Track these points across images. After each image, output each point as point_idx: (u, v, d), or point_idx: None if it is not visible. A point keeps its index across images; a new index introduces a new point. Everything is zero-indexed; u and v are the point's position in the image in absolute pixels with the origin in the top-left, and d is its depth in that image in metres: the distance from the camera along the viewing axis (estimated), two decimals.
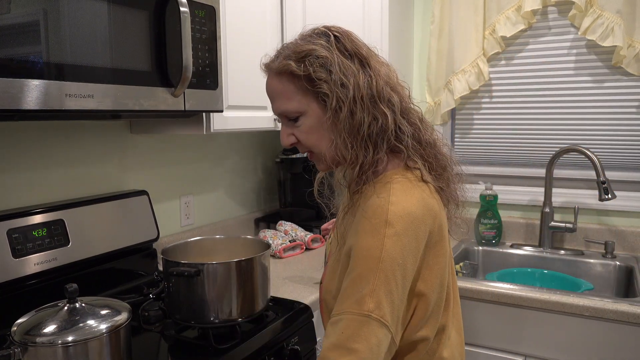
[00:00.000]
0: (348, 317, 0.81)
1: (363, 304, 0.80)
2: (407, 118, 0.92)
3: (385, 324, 0.81)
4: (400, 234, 0.82)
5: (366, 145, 0.88)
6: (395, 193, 0.86)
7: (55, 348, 0.88)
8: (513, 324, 1.57)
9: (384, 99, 0.88)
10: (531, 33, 2.06)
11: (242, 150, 2.20)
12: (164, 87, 1.25)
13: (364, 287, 0.81)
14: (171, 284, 1.21)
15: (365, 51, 0.90)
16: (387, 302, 0.81)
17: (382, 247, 0.81)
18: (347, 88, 0.86)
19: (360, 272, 0.82)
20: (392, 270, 0.81)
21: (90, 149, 1.55)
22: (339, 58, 0.87)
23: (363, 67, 0.88)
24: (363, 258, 0.82)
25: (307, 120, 0.91)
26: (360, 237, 0.84)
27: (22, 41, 0.94)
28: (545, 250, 2.01)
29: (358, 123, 0.87)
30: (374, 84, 0.87)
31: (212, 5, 1.37)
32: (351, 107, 0.86)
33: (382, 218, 0.83)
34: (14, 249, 1.22)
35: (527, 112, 2.11)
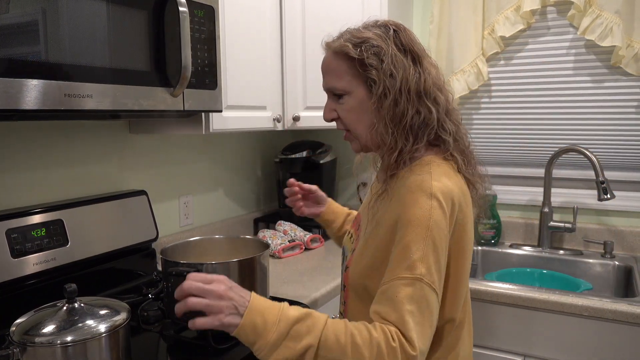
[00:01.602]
0: (400, 282, 0.84)
1: (415, 268, 0.84)
2: (451, 118, 0.99)
3: (435, 289, 0.85)
4: (444, 208, 0.88)
5: (407, 134, 0.95)
6: (435, 172, 0.93)
7: (54, 348, 0.88)
8: (512, 323, 1.57)
9: (430, 96, 0.95)
10: (530, 33, 2.06)
11: (241, 150, 2.19)
12: (163, 87, 1.25)
13: (415, 253, 0.85)
14: (170, 284, 1.21)
15: (419, 49, 0.97)
16: (436, 268, 0.86)
17: (429, 217, 0.87)
18: (395, 79, 0.93)
19: (410, 240, 0.86)
20: (440, 239, 0.87)
21: (89, 148, 1.54)
22: (392, 50, 0.94)
23: (415, 64, 0.96)
24: (412, 226, 0.87)
25: (351, 100, 0.99)
26: (408, 208, 0.89)
27: (21, 41, 0.94)
28: (545, 250, 2.01)
29: (401, 113, 0.94)
30: (422, 81, 0.95)
31: (211, 5, 1.37)
32: (396, 97, 0.94)
33: (427, 191, 0.89)
34: (13, 249, 1.22)
35: (526, 112, 2.11)
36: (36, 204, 1.36)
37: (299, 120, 1.90)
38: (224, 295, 0.82)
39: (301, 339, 0.80)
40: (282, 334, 0.80)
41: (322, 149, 2.19)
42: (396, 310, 0.83)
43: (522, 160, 2.15)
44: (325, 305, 1.54)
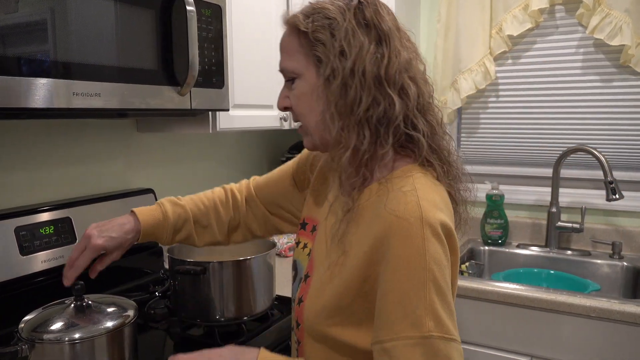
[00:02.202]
0: (406, 342, 0.68)
1: (421, 325, 0.68)
2: (426, 116, 0.81)
3: (451, 337, 0.70)
4: (439, 234, 0.71)
5: (361, 129, 0.76)
6: (421, 187, 0.75)
7: (62, 345, 0.89)
8: (519, 324, 1.56)
9: (394, 84, 0.77)
10: (538, 32, 2.05)
11: (248, 149, 2.20)
12: (170, 85, 1.25)
13: (417, 305, 0.68)
14: (177, 282, 1.21)
15: (388, 28, 0.78)
16: (446, 312, 0.70)
17: (424, 253, 0.69)
18: (345, 58, 0.76)
19: (407, 289, 0.69)
20: (442, 275, 0.70)
21: (97, 147, 1.55)
22: (349, 24, 0.76)
23: (379, 43, 0.77)
24: (406, 269, 0.70)
25: (302, 84, 0.82)
26: (395, 242, 0.71)
27: (29, 40, 0.95)
28: (552, 251, 2.00)
29: (351, 100, 0.76)
30: (384, 64, 0.76)
31: (218, 4, 1.37)
32: (346, 80, 0.76)
33: (417, 216, 0.71)
34: (22, 247, 1.23)
35: (534, 112, 2.10)
36: (44, 202, 1.37)
37: None
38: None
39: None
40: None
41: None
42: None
43: (530, 160, 2.14)
44: None
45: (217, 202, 1.11)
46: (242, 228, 1.13)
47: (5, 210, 1.27)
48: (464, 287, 1.61)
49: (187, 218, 1.06)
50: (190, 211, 1.07)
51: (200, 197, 1.12)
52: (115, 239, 0.98)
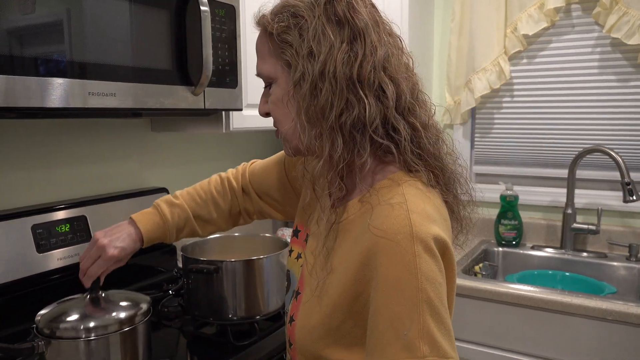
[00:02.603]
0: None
1: (414, 349, 0.63)
2: (406, 117, 0.73)
3: (449, 358, 0.65)
4: (432, 250, 0.66)
5: (334, 135, 0.70)
6: (411, 198, 0.69)
7: (77, 342, 0.90)
8: (533, 327, 1.55)
9: (370, 85, 0.70)
10: (554, 31, 2.02)
11: (260, 149, 2.20)
12: (184, 85, 1.26)
13: (410, 328, 0.64)
14: (190, 280, 1.22)
15: (364, 23, 0.71)
16: (442, 333, 0.65)
17: (416, 271, 0.64)
18: (314, 59, 0.70)
19: (398, 311, 0.64)
20: (437, 295, 0.65)
21: (111, 146, 1.57)
22: (319, 21, 0.70)
23: (353, 41, 0.70)
24: (394, 291, 0.65)
25: (276, 89, 0.77)
26: (382, 263, 0.66)
27: (46, 40, 0.96)
28: (567, 252, 1.97)
29: (322, 105, 0.70)
30: (357, 63, 0.69)
31: (232, 4, 1.38)
32: (316, 82, 0.70)
33: (406, 232, 0.65)
34: (38, 244, 1.24)
35: (549, 112, 2.07)
36: (60, 200, 1.39)
37: None
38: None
39: None
40: None
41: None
42: None
43: (545, 161, 2.11)
44: None
45: (215, 193, 1.10)
46: (243, 214, 1.13)
47: (23, 208, 1.29)
48: (477, 288, 1.60)
49: (187, 216, 1.07)
50: (189, 208, 1.07)
51: (196, 189, 1.11)
52: (126, 249, 1.00)
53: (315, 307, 0.76)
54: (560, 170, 2.07)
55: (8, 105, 0.91)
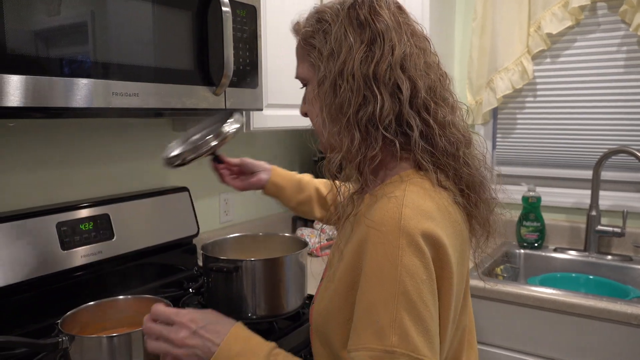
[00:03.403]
0: (368, 354, 0.65)
1: (383, 337, 0.64)
2: (420, 114, 0.75)
3: (418, 357, 0.64)
4: (418, 244, 0.66)
5: (352, 130, 0.74)
6: (410, 194, 0.71)
7: (101, 338, 0.91)
8: (556, 330, 1.52)
9: (386, 83, 0.73)
10: (579, 30, 1.99)
11: (281, 149, 2.21)
12: (205, 85, 1.27)
13: (382, 317, 0.65)
14: (210, 279, 1.23)
15: (384, 25, 0.74)
16: (418, 330, 0.65)
17: (397, 263, 0.65)
18: (334, 60, 0.75)
19: (374, 299, 0.66)
20: (416, 290, 0.65)
21: (134, 146, 1.59)
22: (341, 25, 0.75)
23: (372, 42, 0.74)
24: (375, 279, 0.66)
25: (308, 90, 0.84)
26: (369, 252, 0.68)
27: (71, 41, 0.98)
28: (591, 255, 1.94)
29: (341, 101, 0.74)
30: (374, 62, 0.73)
31: (253, 4, 1.39)
32: (335, 80, 0.75)
33: (394, 224, 0.67)
34: (63, 242, 1.27)
35: (573, 112, 2.04)
36: (84, 199, 1.41)
37: None
38: (183, 343, 0.75)
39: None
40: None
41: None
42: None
43: (569, 162, 2.08)
44: None
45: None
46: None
47: (48, 206, 1.31)
48: (498, 291, 1.58)
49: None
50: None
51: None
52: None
53: (325, 292, 0.80)
54: (584, 172, 2.04)
55: (34, 105, 0.93)
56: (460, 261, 0.74)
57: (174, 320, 0.78)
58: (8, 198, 1.28)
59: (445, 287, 0.70)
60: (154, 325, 0.79)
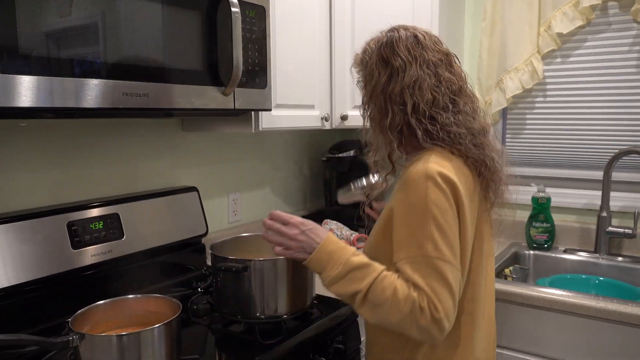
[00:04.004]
0: (409, 260, 0.93)
1: (421, 247, 0.92)
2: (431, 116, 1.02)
3: (447, 260, 0.92)
4: (440, 186, 0.94)
5: (383, 133, 1.07)
6: (432, 158, 0.99)
7: (111, 337, 0.92)
8: (565, 332, 1.51)
9: (395, 102, 1.03)
10: (589, 29, 1.97)
11: (289, 149, 2.21)
12: (214, 86, 1.28)
13: (418, 233, 0.93)
14: (219, 278, 1.24)
15: (400, 62, 1.03)
16: (444, 242, 0.92)
17: (426, 196, 0.94)
18: (367, 86, 1.08)
19: (412, 221, 0.94)
20: (442, 214, 0.93)
21: (143, 146, 1.60)
22: (373, 61, 1.06)
23: (391, 74, 1.04)
24: (411, 208, 0.95)
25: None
26: (405, 193, 0.97)
27: (81, 42, 0.99)
28: (602, 257, 1.92)
29: (372, 115, 1.09)
30: (389, 88, 1.04)
31: (262, 5, 1.39)
32: (369, 102, 1.09)
33: (422, 174, 0.96)
34: (73, 241, 1.28)
35: (584, 112, 2.02)
36: (94, 198, 1.43)
37: (347, 119, 1.90)
38: (294, 237, 1.03)
39: (354, 283, 0.96)
40: (341, 274, 0.97)
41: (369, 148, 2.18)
42: (415, 283, 0.92)
43: (579, 162, 2.06)
44: None
45: None
46: None
47: (59, 205, 1.33)
48: (507, 291, 1.57)
49: None
50: None
51: None
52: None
53: (372, 235, 1.11)
54: (594, 172, 2.02)
55: (46, 106, 0.94)
56: (470, 200, 1.00)
57: (289, 221, 1.06)
58: (20, 197, 1.30)
59: (460, 216, 0.97)
60: (274, 223, 1.07)
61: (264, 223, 1.07)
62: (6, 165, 1.27)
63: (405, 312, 0.91)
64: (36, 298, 1.21)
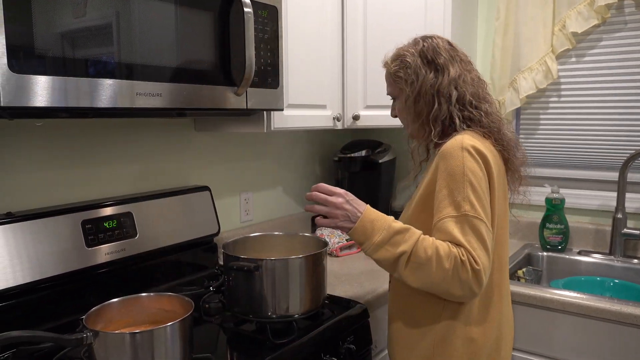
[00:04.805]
0: (450, 219, 1.03)
1: (459, 207, 1.02)
2: (471, 106, 1.16)
3: (482, 219, 1.02)
4: (475, 157, 1.06)
5: (425, 126, 1.19)
6: (466, 135, 1.10)
7: (124, 335, 0.93)
8: (579, 335, 1.49)
9: (444, 95, 1.16)
10: (605, 28, 1.95)
11: (301, 149, 2.22)
12: (227, 86, 1.28)
13: (457, 195, 1.03)
14: (231, 277, 1.24)
15: (443, 59, 1.17)
16: (479, 204, 1.03)
17: (463, 164, 1.05)
18: (414, 85, 1.17)
19: (451, 185, 1.05)
20: (477, 180, 1.04)
21: (156, 145, 1.61)
22: (416, 63, 1.18)
23: (436, 71, 1.17)
24: (450, 175, 1.05)
25: (398, 102, 1.25)
26: (444, 162, 1.07)
27: (96, 42, 1.00)
28: (617, 259, 1.90)
29: (419, 110, 1.18)
30: (437, 84, 1.16)
31: (274, 5, 1.39)
32: (416, 98, 1.18)
33: (458, 146, 1.07)
34: (87, 239, 1.29)
35: (598, 112, 2.00)
36: (108, 197, 1.44)
37: (359, 119, 1.90)
38: (340, 206, 1.10)
39: (398, 246, 1.04)
40: (385, 239, 1.05)
41: (381, 148, 2.18)
42: (455, 239, 1.01)
43: (594, 163, 2.04)
44: (382, 308, 1.53)
45: None
46: None
47: (74, 204, 1.34)
48: (520, 293, 1.56)
49: None
50: None
51: None
52: None
53: (409, 208, 1.22)
54: (610, 173, 1.99)
55: (61, 105, 0.95)
56: (498, 176, 1.11)
57: (334, 191, 1.13)
58: (35, 196, 1.31)
59: (490, 186, 1.08)
60: (320, 194, 1.14)
61: (309, 196, 1.15)
62: (22, 164, 1.29)
63: (448, 268, 0.99)
64: (51, 295, 1.23)
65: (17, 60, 0.88)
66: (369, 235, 1.07)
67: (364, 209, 1.11)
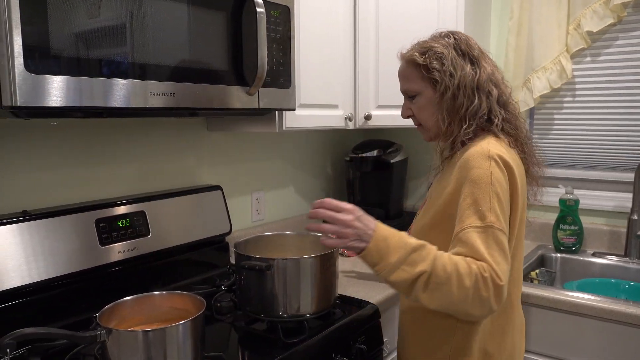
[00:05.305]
0: (474, 230, 0.98)
1: (485, 218, 0.98)
2: (504, 107, 1.14)
3: (506, 233, 0.99)
4: (501, 167, 1.03)
5: (461, 122, 1.11)
6: (492, 143, 1.07)
7: (137, 333, 0.94)
8: (593, 337, 1.47)
9: (484, 90, 1.11)
10: (621, 27, 1.92)
11: (313, 149, 2.22)
12: (239, 85, 1.29)
13: (482, 205, 0.99)
14: (242, 277, 1.24)
15: (477, 53, 1.13)
16: (503, 217, 0.99)
17: (490, 174, 1.01)
18: (454, 77, 1.10)
19: (477, 195, 1.00)
20: (502, 191, 1.01)
21: (169, 144, 1.62)
22: (452, 54, 1.11)
23: (472, 64, 1.12)
24: (477, 184, 1.01)
25: (421, 99, 1.16)
26: (471, 170, 1.03)
27: (110, 43, 1.01)
28: (632, 261, 1.87)
29: (459, 105, 1.11)
30: (477, 78, 1.11)
31: (286, 5, 1.39)
32: (454, 92, 1.10)
33: (485, 154, 1.04)
34: (101, 237, 1.31)
35: (614, 112, 1.97)
36: (121, 196, 1.45)
37: (371, 119, 1.89)
38: (350, 224, 1.00)
39: (417, 265, 0.96)
40: (402, 258, 0.97)
41: (392, 148, 2.17)
42: (478, 252, 0.95)
43: (609, 164, 2.01)
44: (391, 309, 1.52)
45: None
46: None
47: (87, 202, 1.35)
48: (533, 295, 1.55)
49: None
50: None
51: None
52: None
53: (425, 215, 1.17)
54: (625, 174, 1.97)
55: (75, 105, 0.96)
56: (522, 188, 1.09)
57: (342, 207, 1.03)
58: (50, 195, 1.33)
59: (514, 196, 1.06)
60: (327, 212, 1.03)
61: (313, 213, 1.04)
62: (37, 163, 1.30)
63: (469, 286, 0.93)
64: (65, 293, 1.24)
65: (33, 60, 0.89)
66: (383, 255, 0.97)
67: (375, 226, 1.01)
